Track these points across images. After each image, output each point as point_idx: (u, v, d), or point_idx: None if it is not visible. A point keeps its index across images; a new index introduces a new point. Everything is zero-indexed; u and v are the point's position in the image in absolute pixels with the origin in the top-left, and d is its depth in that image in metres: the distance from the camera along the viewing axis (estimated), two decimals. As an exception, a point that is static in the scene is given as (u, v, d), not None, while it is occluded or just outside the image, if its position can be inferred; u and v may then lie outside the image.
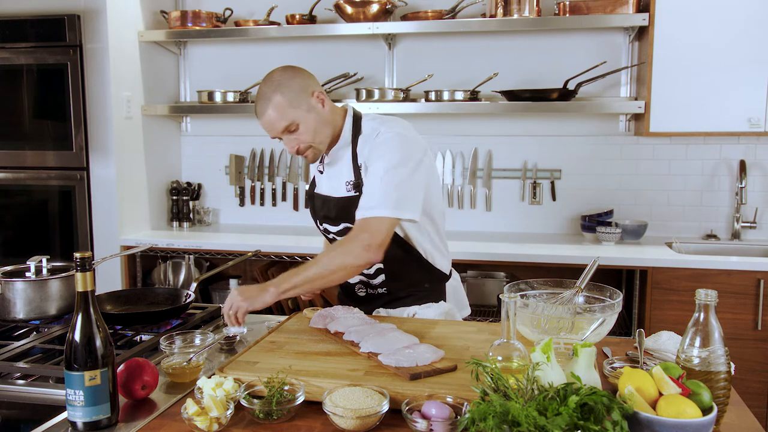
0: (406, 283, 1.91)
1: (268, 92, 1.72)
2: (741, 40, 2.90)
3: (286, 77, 1.74)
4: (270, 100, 1.72)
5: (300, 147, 1.77)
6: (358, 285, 1.96)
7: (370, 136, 1.80)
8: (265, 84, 1.75)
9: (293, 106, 1.72)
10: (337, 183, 1.86)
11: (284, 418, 1.23)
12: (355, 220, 1.75)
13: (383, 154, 1.74)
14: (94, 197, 3.28)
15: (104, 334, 1.21)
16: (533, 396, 1.08)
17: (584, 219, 3.30)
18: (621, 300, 1.54)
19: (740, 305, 2.73)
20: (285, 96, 1.71)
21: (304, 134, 1.75)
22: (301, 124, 1.74)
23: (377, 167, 1.73)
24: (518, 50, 3.40)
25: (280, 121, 1.72)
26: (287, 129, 1.74)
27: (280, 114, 1.72)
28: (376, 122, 1.82)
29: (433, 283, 1.94)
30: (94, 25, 3.17)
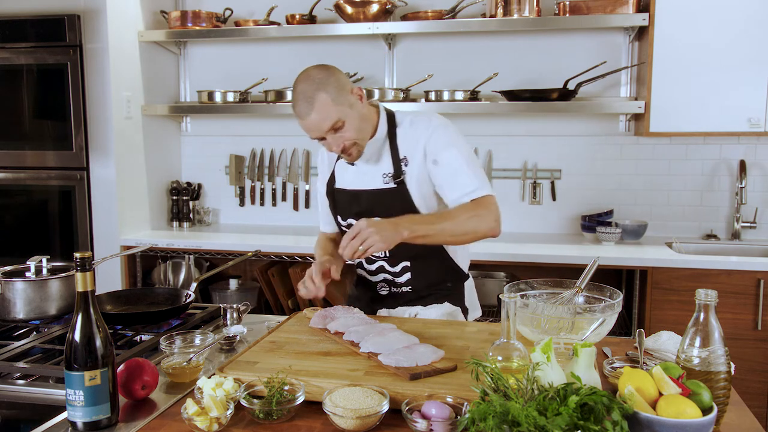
0: (429, 281, 1.90)
1: (310, 91, 1.67)
2: (741, 40, 2.90)
3: (324, 75, 1.70)
4: (314, 100, 1.67)
5: (346, 144, 1.74)
6: (381, 283, 1.93)
7: (414, 129, 1.81)
8: (304, 83, 1.70)
9: (337, 104, 1.68)
10: (371, 176, 1.83)
11: (284, 418, 1.23)
12: (385, 212, 1.72)
13: (451, 142, 1.76)
14: (94, 197, 3.28)
15: (104, 334, 1.21)
16: (533, 396, 1.08)
17: (584, 219, 3.30)
18: (621, 300, 1.54)
19: (740, 305, 2.73)
20: (329, 93, 1.67)
21: (349, 131, 1.72)
22: (346, 122, 1.70)
23: (453, 155, 1.74)
24: (518, 50, 3.40)
25: (326, 121, 1.68)
26: (333, 127, 1.70)
27: (325, 113, 1.68)
28: (413, 115, 1.85)
29: (454, 283, 1.94)
30: (94, 25, 3.17)
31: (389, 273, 1.90)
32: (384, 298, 1.94)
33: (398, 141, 1.82)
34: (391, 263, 1.89)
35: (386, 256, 1.87)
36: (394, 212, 1.73)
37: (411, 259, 1.84)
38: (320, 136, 1.73)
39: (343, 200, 1.91)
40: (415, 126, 1.81)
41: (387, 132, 1.83)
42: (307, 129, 1.72)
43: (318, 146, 1.91)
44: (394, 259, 1.87)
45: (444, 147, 1.76)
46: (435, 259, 1.87)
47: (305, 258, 3.14)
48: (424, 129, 1.79)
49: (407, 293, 1.91)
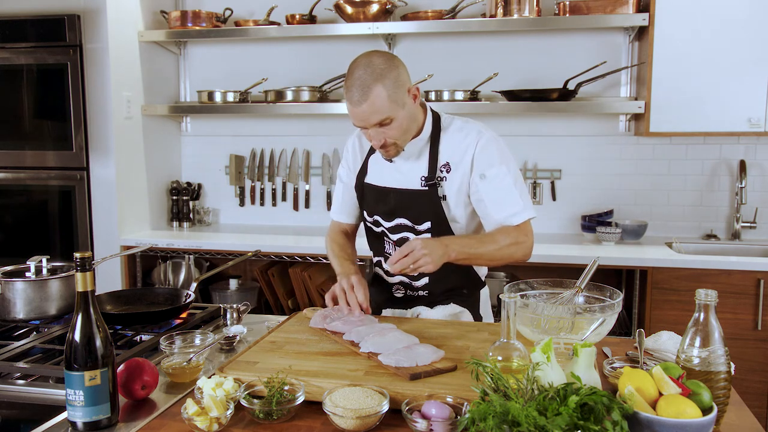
0: (447, 287, 1.87)
1: (369, 81, 1.62)
2: (741, 40, 2.90)
3: (387, 67, 1.64)
4: (370, 91, 1.61)
5: (387, 141, 1.70)
6: (397, 285, 1.91)
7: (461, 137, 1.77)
8: (364, 69, 1.63)
9: (392, 101, 1.64)
10: (408, 176, 1.80)
11: (284, 418, 1.23)
12: (414, 215, 1.77)
13: (502, 159, 1.75)
14: (94, 197, 3.28)
15: (104, 334, 1.21)
16: (533, 396, 1.08)
17: (584, 219, 3.30)
18: (621, 300, 1.54)
19: (740, 305, 2.73)
20: (387, 88, 1.62)
21: (394, 130, 1.68)
22: (395, 120, 1.66)
23: (503, 174, 1.73)
24: (518, 50, 3.40)
25: (376, 115, 1.64)
26: (381, 123, 1.66)
27: (378, 107, 1.63)
28: (461, 122, 1.81)
29: (470, 290, 1.92)
30: (94, 25, 3.17)
31: (407, 276, 1.87)
32: (399, 300, 1.92)
33: (441, 146, 1.78)
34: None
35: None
36: (421, 215, 1.76)
37: None
38: (364, 126, 1.69)
39: (371, 196, 1.88)
40: (465, 134, 1.78)
41: (431, 134, 1.79)
42: (354, 116, 1.68)
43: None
44: None
45: (494, 163, 1.73)
46: (454, 265, 1.77)
47: (305, 258, 3.14)
48: (474, 139, 1.76)
49: (423, 297, 1.88)
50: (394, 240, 1.85)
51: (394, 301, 1.93)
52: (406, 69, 1.71)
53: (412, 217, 1.79)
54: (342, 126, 3.61)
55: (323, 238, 2.09)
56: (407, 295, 1.90)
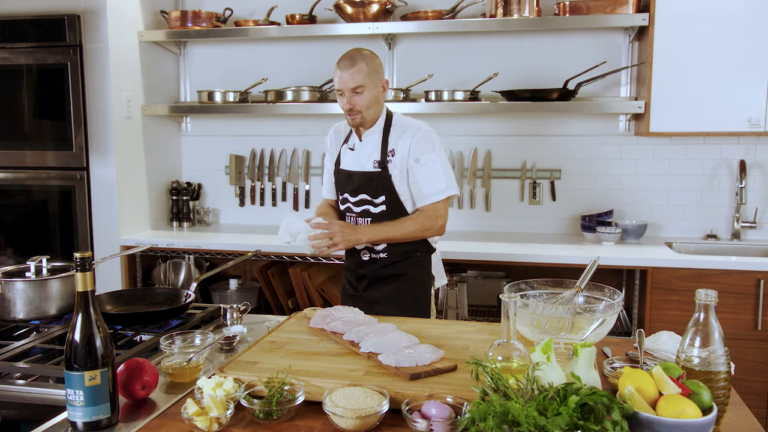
0: (402, 249, 2.28)
1: (357, 57, 2.18)
2: (741, 40, 2.90)
3: (371, 56, 2.22)
4: (356, 63, 2.17)
5: (354, 107, 2.20)
6: (363, 251, 2.32)
7: (404, 130, 2.25)
8: (355, 51, 2.22)
9: (368, 76, 2.18)
10: (364, 160, 2.28)
11: (284, 418, 1.23)
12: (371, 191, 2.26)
13: (430, 147, 2.22)
14: (94, 197, 3.28)
15: (104, 334, 1.21)
16: (533, 396, 1.08)
17: (584, 219, 3.30)
18: (621, 300, 1.54)
19: (740, 305, 2.73)
20: (368, 66, 2.18)
21: (363, 100, 2.19)
22: (365, 91, 2.18)
23: (430, 158, 2.21)
24: (518, 50, 3.40)
25: (354, 80, 2.16)
26: (355, 89, 2.17)
27: (357, 75, 2.16)
28: (406, 119, 2.30)
29: (423, 253, 2.33)
30: (94, 25, 3.17)
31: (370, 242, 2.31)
32: (366, 263, 2.33)
33: (390, 137, 2.27)
34: None
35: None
36: (377, 191, 2.25)
37: None
38: (343, 89, 2.18)
39: (343, 178, 2.34)
40: (406, 128, 2.26)
41: (383, 127, 2.28)
42: (339, 80, 2.19)
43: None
44: None
45: (426, 151, 2.22)
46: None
47: (305, 258, 3.14)
48: (413, 132, 2.24)
49: (384, 259, 2.30)
50: (357, 212, 2.30)
51: (363, 264, 2.33)
52: (382, 66, 2.30)
53: (370, 192, 2.26)
54: (342, 126, 3.61)
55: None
56: (371, 258, 2.31)
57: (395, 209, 2.25)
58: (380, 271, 2.31)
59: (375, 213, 2.26)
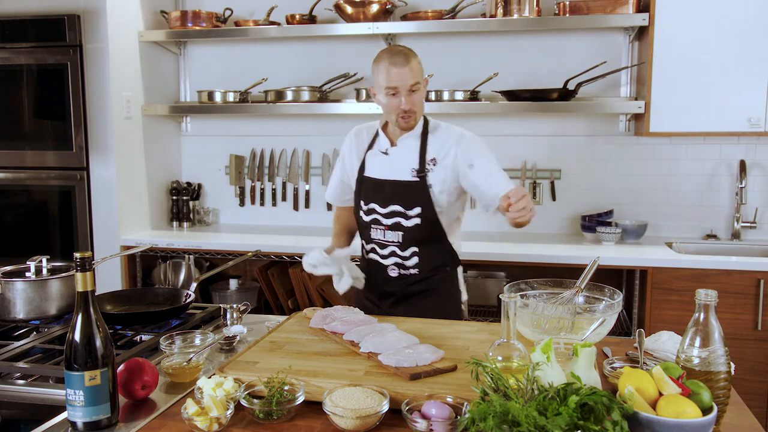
0: (434, 264, 2.12)
1: (408, 53, 2.02)
2: (741, 40, 2.90)
3: (416, 54, 2.06)
4: (410, 59, 2.00)
5: (412, 108, 2.01)
6: (392, 266, 2.13)
7: (446, 137, 2.08)
8: (403, 47, 2.05)
9: (421, 73, 2.04)
10: (400, 168, 2.08)
11: (284, 418, 1.23)
12: (406, 202, 2.05)
13: (482, 151, 2.08)
14: (94, 197, 3.28)
15: (104, 334, 1.21)
16: (533, 396, 1.08)
17: (584, 219, 3.30)
18: (621, 300, 1.54)
19: (740, 305, 2.73)
20: (419, 63, 2.04)
21: (418, 97, 2.02)
22: (420, 90, 2.02)
23: (483, 162, 2.05)
24: (518, 50, 3.40)
25: (413, 78, 1.98)
26: (412, 87, 1.99)
27: (416, 72, 2.00)
28: (445, 125, 2.14)
29: (451, 266, 2.17)
30: (94, 25, 3.17)
31: (400, 257, 2.11)
32: (394, 279, 2.13)
33: (429, 144, 2.08)
34: (402, 248, 2.10)
35: (399, 242, 2.09)
36: (412, 202, 2.04)
37: (419, 244, 2.08)
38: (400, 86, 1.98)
39: (370, 187, 2.13)
40: (448, 135, 2.09)
41: (421, 133, 2.10)
42: (394, 75, 1.98)
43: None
44: (405, 244, 2.09)
45: (477, 155, 2.05)
46: (439, 244, 2.12)
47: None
48: (457, 140, 2.07)
49: (414, 275, 2.11)
50: (387, 224, 2.09)
51: (390, 280, 2.13)
52: None
53: (404, 203, 2.06)
54: (342, 126, 3.59)
55: (323, 238, 2.18)
56: (401, 274, 2.12)
57: (429, 223, 2.05)
58: (409, 288, 2.12)
59: (407, 226, 2.06)
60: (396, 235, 2.08)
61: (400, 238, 2.08)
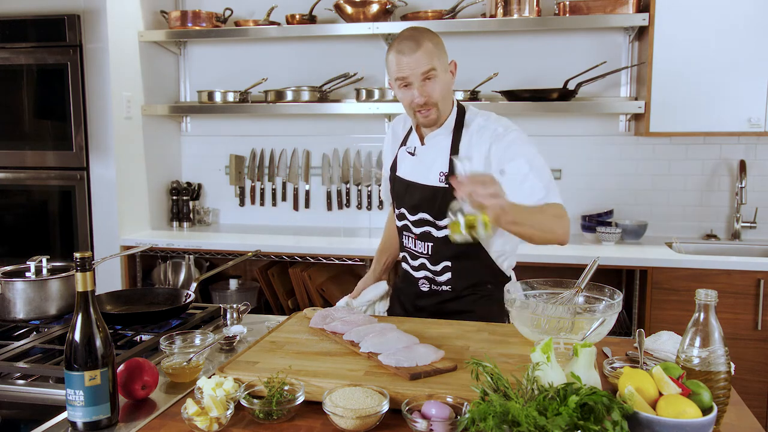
0: (470, 282, 1.88)
1: (419, 36, 1.73)
2: (741, 40, 2.90)
3: (433, 34, 1.77)
4: (421, 42, 1.72)
5: (430, 100, 1.75)
6: (422, 280, 1.92)
7: (481, 133, 1.78)
8: (414, 30, 1.77)
9: (439, 57, 1.74)
10: (428, 170, 1.83)
11: (284, 418, 1.23)
12: (434, 211, 1.79)
13: (519, 152, 1.74)
14: (94, 197, 3.28)
15: (104, 334, 1.21)
16: (533, 396, 1.08)
17: (584, 219, 3.30)
18: (621, 300, 1.54)
19: (740, 305, 2.73)
20: (435, 44, 1.74)
21: (437, 88, 1.74)
22: (438, 75, 1.73)
23: (520, 165, 1.71)
24: (518, 50, 3.40)
25: (425, 63, 1.71)
26: (427, 73, 1.72)
27: (428, 56, 1.71)
28: (483, 117, 1.83)
29: (495, 284, 1.89)
30: (94, 25, 3.17)
31: (430, 271, 1.89)
32: (426, 294, 1.93)
33: (461, 142, 1.81)
34: (432, 262, 1.87)
35: (428, 254, 1.86)
36: (442, 211, 1.75)
37: (452, 258, 1.83)
38: (411, 75, 1.73)
39: (400, 188, 1.92)
40: (482, 132, 1.79)
41: (453, 128, 1.82)
42: (404, 65, 1.73)
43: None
44: (435, 258, 1.86)
45: (511, 157, 1.74)
46: (476, 260, 1.84)
47: (305, 258, 3.14)
48: (489, 137, 1.77)
49: (447, 292, 1.89)
50: (417, 234, 1.86)
51: (422, 295, 1.93)
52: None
53: (433, 212, 1.81)
54: (342, 126, 3.61)
55: (323, 238, 2.15)
56: (432, 290, 1.91)
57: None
58: (441, 306, 1.88)
59: (438, 237, 1.81)
60: (425, 246, 1.85)
61: (430, 251, 1.85)
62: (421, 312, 1.92)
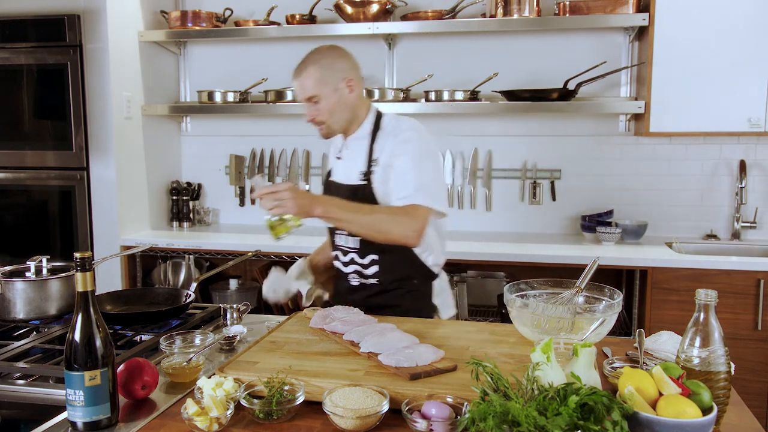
0: (396, 276, 1.98)
1: (308, 61, 1.91)
2: (741, 40, 2.90)
3: (329, 55, 1.92)
4: (306, 69, 1.90)
5: (315, 119, 1.93)
6: (352, 274, 2.03)
7: (390, 133, 1.93)
8: (311, 53, 1.94)
9: (322, 83, 1.88)
10: (351, 171, 1.98)
11: (284, 418, 1.23)
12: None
13: (407, 150, 1.87)
14: (94, 197, 3.28)
15: (104, 334, 1.21)
16: (533, 396, 1.08)
17: (584, 219, 3.30)
18: (621, 300, 1.54)
19: (740, 305, 2.73)
20: (319, 71, 1.88)
21: (322, 109, 1.91)
22: (322, 100, 1.89)
23: (404, 161, 1.85)
24: (518, 50, 3.40)
25: (305, 90, 1.90)
26: (310, 99, 1.90)
27: (308, 84, 1.89)
28: (395, 120, 1.97)
29: (421, 280, 2.01)
30: (94, 25, 3.17)
31: (359, 265, 2.00)
32: (356, 289, 2.03)
33: (376, 143, 1.95)
34: (360, 255, 1.99)
35: (357, 248, 1.97)
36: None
37: (379, 252, 1.95)
38: (299, 97, 1.93)
39: (331, 191, 2.05)
40: (389, 130, 1.95)
41: (370, 132, 1.97)
42: (295, 87, 1.94)
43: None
44: (363, 251, 1.97)
45: (400, 153, 1.87)
46: (402, 255, 1.95)
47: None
48: (393, 135, 1.92)
49: (375, 285, 1.99)
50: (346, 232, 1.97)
51: (353, 290, 2.03)
52: (350, 61, 1.96)
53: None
54: (342, 126, 3.60)
55: (323, 238, 2.21)
56: (361, 284, 2.02)
57: None
58: (370, 300, 1.97)
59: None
60: (355, 240, 1.96)
61: (359, 244, 1.96)
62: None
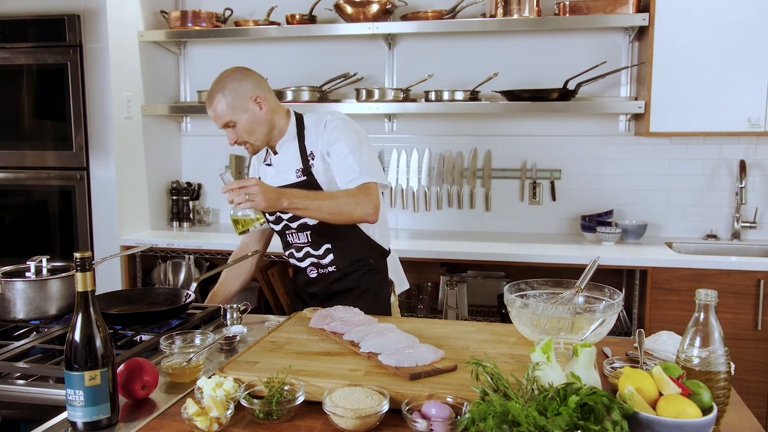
0: (352, 259, 2.08)
1: (215, 91, 1.97)
2: (741, 40, 2.90)
3: (232, 79, 1.98)
4: (214, 98, 1.97)
5: (237, 140, 2.01)
6: (309, 267, 2.12)
7: (316, 128, 2.04)
8: (215, 83, 1.99)
9: (232, 108, 1.96)
10: (287, 173, 2.07)
11: (284, 418, 1.23)
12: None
13: (340, 136, 1.98)
14: (94, 197, 3.28)
15: (104, 334, 1.21)
16: (533, 396, 1.08)
17: (584, 219, 3.30)
18: (621, 300, 1.54)
19: (740, 305, 2.73)
20: (226, 98, 1.96)
21: (240, 131, 1.99)
22: (237, 123, 1.98)
23: (340, 147, 1.97)
24: (518, 50, 3.40)
25: (220, 119, 1.98)
26: (226, 125, 1.99)
27: (220, 112, 1.97)
28: (318, 116, 2.09)
29: (376, 258, 2.12)
30: (94, 25, 3.17)
31: (314, 257, 2.09)
32: (315, 281, 2.12)
33: (305, 140, 2.06)
34: (314, 247, 2.08)
35: (309, 241, 2.08)
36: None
37: (331, 240, 2.06)
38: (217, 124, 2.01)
39: None
40: (315, 125, 2.06)
41: (296, 133, 2.07)
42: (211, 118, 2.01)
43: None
44: (316, 243, 2.07)
45: (334, 141, 1.99)
46: (354, 239, 2.07)
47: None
48: (321, 127, 2.03)
49: (333, 272, 2.09)
50: (295, 227, 2.07)
51: (312, 282, 2.12)
52: (255, 79, 2.02)
53: None
54: (342, 126, 3.60)
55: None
56: (320, 274, 2.11)
57: None
58: (331, 287, 2.09)
59: (313, 225, 2.04)
60: (306, 235, 2.07)
61: (310, 238, 2.06)
62: (314, 299, 2.12)
